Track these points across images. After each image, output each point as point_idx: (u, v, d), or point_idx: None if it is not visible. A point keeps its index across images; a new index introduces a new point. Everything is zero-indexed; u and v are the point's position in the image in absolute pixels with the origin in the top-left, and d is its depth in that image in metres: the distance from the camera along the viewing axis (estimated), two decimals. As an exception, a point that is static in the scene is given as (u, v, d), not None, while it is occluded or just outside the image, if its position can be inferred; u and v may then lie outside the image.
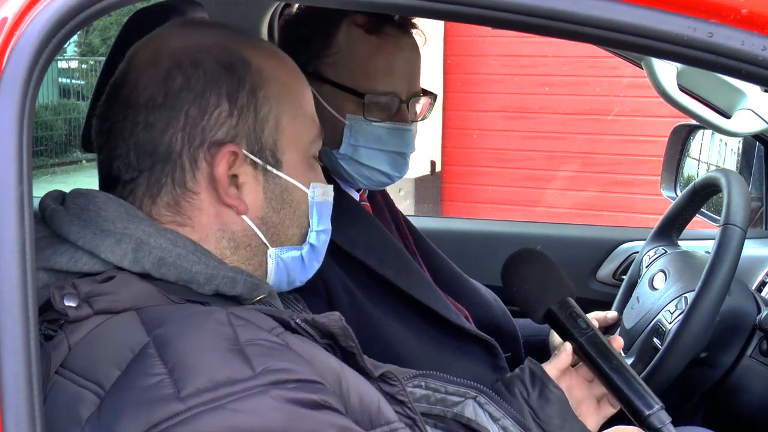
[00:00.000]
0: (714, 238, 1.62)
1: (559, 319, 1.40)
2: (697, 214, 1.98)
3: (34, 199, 0.81)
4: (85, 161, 11.13)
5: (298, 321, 0.95)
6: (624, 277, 2.03)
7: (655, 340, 1.69)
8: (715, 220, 2.01)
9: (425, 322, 1.53)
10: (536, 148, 6.76)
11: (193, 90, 1.00)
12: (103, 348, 0.87)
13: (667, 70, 1.40)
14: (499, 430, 1.27)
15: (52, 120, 11.63)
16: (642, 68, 1.45)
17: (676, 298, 1.70)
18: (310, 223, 1.11)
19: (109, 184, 1.03)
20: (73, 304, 0.90)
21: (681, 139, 2.33)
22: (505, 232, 2.60)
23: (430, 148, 6.78)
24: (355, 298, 1.48)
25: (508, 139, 6.83)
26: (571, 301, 1.41)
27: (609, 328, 1.85)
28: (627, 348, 1.73)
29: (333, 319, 0.97)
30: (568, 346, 1.39)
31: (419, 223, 1.88)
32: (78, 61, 13.80)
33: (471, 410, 1.28)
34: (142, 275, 0.95)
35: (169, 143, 0.99)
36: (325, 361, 0.92)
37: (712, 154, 2.51)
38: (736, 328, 1.70)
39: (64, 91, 12.93)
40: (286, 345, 0.88)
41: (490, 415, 1.28)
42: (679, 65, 1.41)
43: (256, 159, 1.03)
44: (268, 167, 1.04)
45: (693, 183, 1.87)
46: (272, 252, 1.07)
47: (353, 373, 0.96)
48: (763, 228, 2.35)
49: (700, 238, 2.28)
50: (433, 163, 6.87)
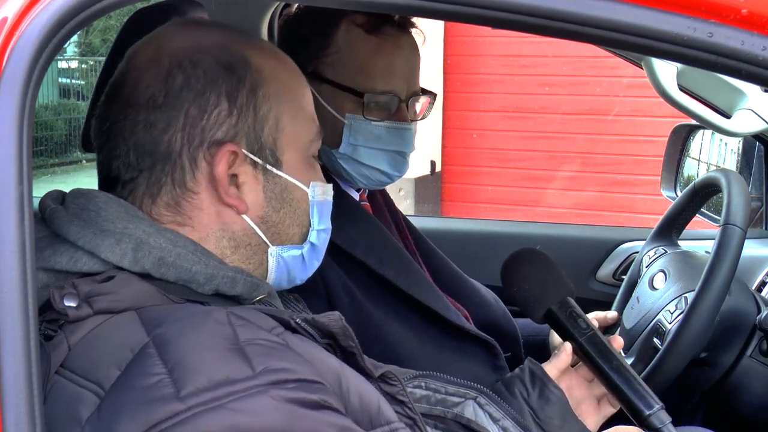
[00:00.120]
0: (714, 238, 1.62)
1: (559, 319, 1.40)
2: (697, 214, 1.98)
3: (34, 199, 0.81)
4: (85, 161, 11.13)
5: (298, 320, 0.95)
6: (624, 277, 2.03)
7: (655, 340, 1.69)
8: (715, 220, 2.00)
9: (425, 322, 1.53)
10: (536, 148, 6.75)
11: (193, 89, 1.00)
12: (103, 348, 0.87)
13: (667, 70, 1.40)
14: (499, 431, 1.27)
15: (52, 120, 11.63)
16: (642, 68, 1.44)
17: (676, 298, 1.70)
18: (311, 222, 1.11)
19: (109, 184, 1.03)
20: (73, 304, 0.90)
21: (681, 139, 2.33)
22: (505, 232, 2.60)
23: (430, 148, 6.78)
24: (355, 298, 1.48)
25: (508, 139, 6.83)
26: (571, 301, 1.41)
27: (609, 328, 1.85)
28: (627, 348, 1.73)
29: (333, 319, 0.97)
30: (568, 346, 1.39)
31: (419, 223, 1.88)
32: (78, 61, 13.80)
33: (471, 411, 1.28)
34: (142, 275, 0.95)
35: (169, 143, 0.99)
36: (325, 361, 0.92)
37: (712, 154, 2.51)
38: (736, 328, 1.70)
39: (64, 91, 12.93)
40: (286, 345, 0.88)
41: (490, 416, 1.28)
42: (679, 65, 1.41)
43: (255, 158, 1.03)
44: (268, 166, 1.04)
45: (693, 183, 1.86)
46: (273, 250, 1.07)
47: (353, 372, 0.96)
48: (763, 228, 2.35)
49: (700, 238, 2.28)
50: (433, 163, 6.87)
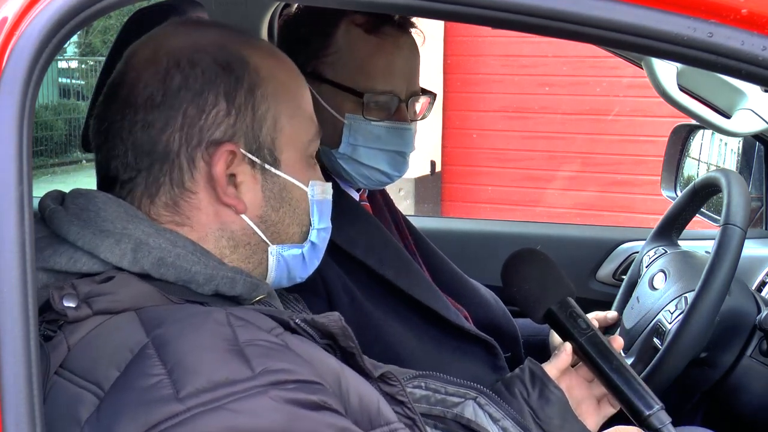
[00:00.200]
0: (714, 238, 1.62)
1: (559, 319, 1.40)
2: (697, 214, 1.98)
3: (34, 199, 0.81)
4: (85, 161, 11.13)
5: (297, 321, 0.94)
6: (624, 277, 2.03)
7: (655, 340, 1.69)
8: (715, 220, 2.00)
9: (425, 322, 1.53)
10: (536, 148, 6.75)
11: (191, 89, 1.00)
12: (103, 348, 0.87)
13: (667, 70, 1.40)
14: (499, 431, 1.27)
15: (52, 120, 11.63)
16: (642, 68, 1.44)
17: (676, 298, 1.70)
18: (311, 221, 1.11)
19: (108, 184, 1.03)
20: (73, 305, 0.90)
21: (681, 139, 2.33)
22: (505, 232, 2.60)
23: (430, 148, 6.78)
24: (355, 298, 1.48)
25: (508, 139, 6.83)
26: (571, 301, 1.41)
27: (609, 328, 1.85)
28: (627, 348, 1.73)
29: (332, 320, 0.97)
30: (568, 346, 1.39)
31: (419, 223, 1.88)
32: (78, 61, 13.80)
33: (471, 411, 1.28)
34: (142, 275, 0.95)
35: (167, 143, 0.99)
36: (325, 362, 0.92)
37: (712, 154, 2.51)
38: (736, 328, 1.70)
39: (64, 91, 12.94)
40: (286, 345, 0.88)
41: (490, 416, 1.28)
42: (679, 65, 1.41)
43: (254, 158, 1.03)
44: (267, 166, 1.04)
45: (693, 183, 1.86)
46: (273, 249, 1.07)
47: (353, 373, 0.96)
48: (763, 228, 2.35)
49: (700, 238, 2.28)
50: (433, 163, 6.87)
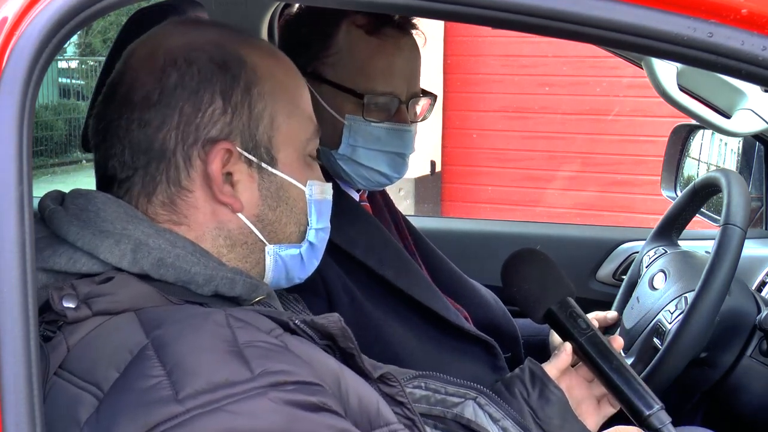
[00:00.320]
0: (714, 238, 1.62)
1: (559, 319, 1.40)
2: (697, 214, 1.98)
3: (34, 199, 0.81)
4: (85, 161, 11.12)
5: (297, 322, 0.94)
6: (624, 277, 2.03)
7: (655, 340, 1.69)
8: (715, 220, 2.00)
9: (425, 323, 1.53)
10: (536, 148, 6.75)
11: (187, 88, 1.00)
12: (102, 349, 0.86)
13: (667, 70, 1.40)
14: (499, 431, 1.27)
15: (52, 120, 11.63)
16: (642, 68, 1.44)
17: (676, 298, 1.70)
18: (308, 221, 1.10)
19: (106, 183, 1.03)
20: (72, 305, 0.90)
21: (681, 139, 2.33)
22: (505, 232, 2.60)
23: (430, 148, 6.78)
24: (355, 298, 1.48)
25: (508, 139, 6.83)
26: (571, 301, 1.41)
27: (609, 328, 1.85)
28: (627, 348, 1.73)
29: (332, 321, 0.97)
30: (568, 346, 1.39)
31: (419, 223, 1.88)
32: (78, 61, 13.80)
33: (471, 411, 1.28)
34: (141, 276, 0.95)
35: (164, 141, 0.99)
36: (324, 363, 0.92)
37: (712, 154, 2.51)
38: (736, 328, 1.70)
39: (64, 91, 12.93)
40: (285, 346, 0.88)
41: (490, 416, 1.28)
42: (679, 65, 1.41)
43: (250, 156, 1.03)
44: (263, 165, 1.04)
45: (693, 183, 1.86)
46: (270, 249, 1.07)
47: (352, 374, 0.96)
48: (763, 228, 2.35)
49: (700, 238, 2.28)
50: (433, 163, 6.87)
